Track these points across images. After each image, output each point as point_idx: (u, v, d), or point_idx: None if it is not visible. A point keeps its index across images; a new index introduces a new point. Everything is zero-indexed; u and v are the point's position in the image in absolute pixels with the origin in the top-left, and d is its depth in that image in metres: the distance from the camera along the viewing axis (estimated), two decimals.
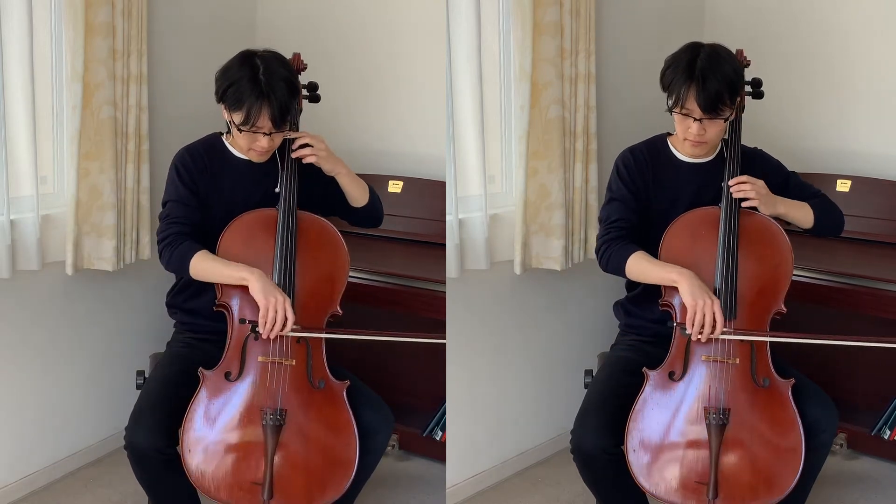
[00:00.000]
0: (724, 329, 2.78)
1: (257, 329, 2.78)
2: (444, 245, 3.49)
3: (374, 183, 3.86)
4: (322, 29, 4.07)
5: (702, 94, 2.81)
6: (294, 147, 2.96)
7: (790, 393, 2.81)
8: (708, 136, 2.89)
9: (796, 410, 2.80)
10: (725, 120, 2.89)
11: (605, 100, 3.81)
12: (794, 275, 3.51)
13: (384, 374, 3.77)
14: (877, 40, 3.96)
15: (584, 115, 3.67)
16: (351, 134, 4.03)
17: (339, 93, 4.01)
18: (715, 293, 2.83)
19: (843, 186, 3.88)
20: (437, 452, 3.61)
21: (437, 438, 3.69)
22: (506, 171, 3.69)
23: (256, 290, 2.77)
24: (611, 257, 2.92)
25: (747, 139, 3.13)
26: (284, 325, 2.77)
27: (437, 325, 3.45)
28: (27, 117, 3.34)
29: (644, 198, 2.99)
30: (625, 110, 3.87)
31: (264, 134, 2.85)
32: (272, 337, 2.79)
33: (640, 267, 2.87)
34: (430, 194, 3.75)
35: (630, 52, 3.93)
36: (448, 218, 3.49)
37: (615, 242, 2.93)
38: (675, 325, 2.83)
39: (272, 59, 2.88)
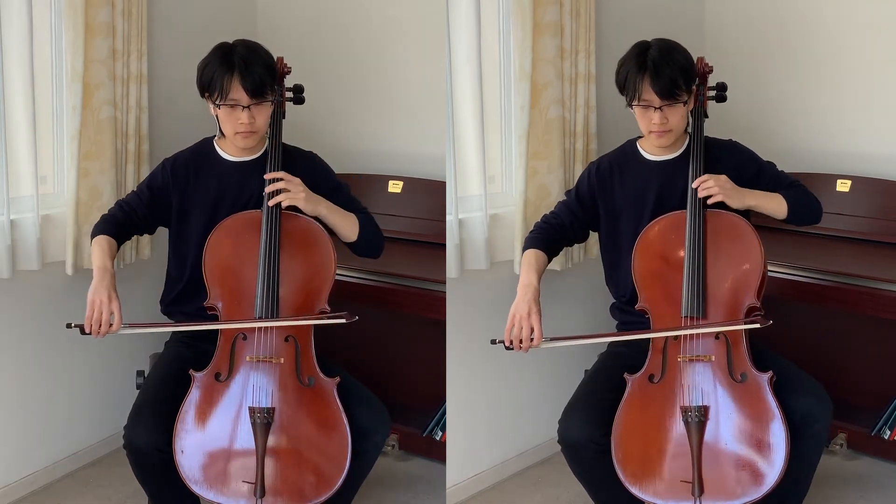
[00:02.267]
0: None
1: (87, 332, 2.78)
2: (444, 245, 3.49)
3: (374, 183, 3.88)
4: (323, 29, 4.07)
5: (657, 82, 2.88)
6: (267, 188, 2.92)
7: (769, 386, 2.81)
8: (671, 123, 2.93)
9: (776, 403, 2.80)
10: (684, 104, 2.93)
11: (605, 100, 3.81)
12: (795, 275, 3.54)
13: (384, 373, 3.77)
14: (876, 41, 3.96)
15: (584, 115, 3.68)
16: (351, 134, 4.03)
17: (340, 93, 4.01)
18: (683, 294, 2.87)
19: (843, 186, 3.88)
20: (437, 452, 3.61)
21: (437, 438, 3.69)
22: (506, 171, 3.69)
23: (90, 290, 2.80)
24: (527, 237, 3.10)
25: (748, 138, 3.13)
26: (111, 325, 2.77)
27: (437, 325, 3.45)
28: (27, 117, 3.34)
29: (605, 208, 3.07)
30: (624, 110, 3.85)
31: (243, 108, 2.88)
32: (100, 336, 2.78)
33: (522, 262, 3.03)
34: (430, 194, 3.75)
35: None
36: (448, 218, 3.48)
37: (539, 232, 3.09)
38: (499, 343, 2.88)
39: (245, 42, 2.95)
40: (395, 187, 3.86)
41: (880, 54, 3.95)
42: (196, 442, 2.80)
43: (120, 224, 2.99)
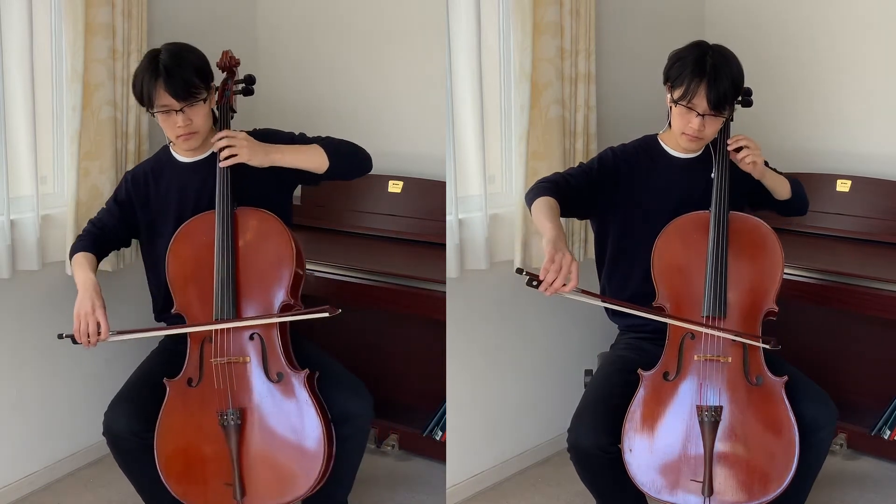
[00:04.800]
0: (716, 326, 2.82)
1: (78, 342, 2.84)
2: (444, 245, 3.49)
3: (374, 183, 3.88)
4: (323, 30, 4.07)
5: (712, 91, 2.85)
6: (218, 151, 2.94)
7: (783, 390, 2.83)
8: (706, 132, 2.93)
9: (790, 408, 2.81)
10: (725, 118, 2.93)
11: (605, 100, 3.81)
12: (795, 275, 3.55)
13: (384, 373, 3.77)
14: (877, 41, 3.96)
15: (584, 115, 3.68)
16: (351, 134, 4.02)
17: (339, 93, 4.01)
18: (705, 294, 2.87)
19: (843, 186, 3.88)
20: (437, 452, 3.61)
21: (437, 438, 3.69)
22: (506, 171, 3.69)
23: (75, 304, 2.85)
24: (533, 189, 2.94)
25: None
26: (100, 333, 2.82)
27: (438, 325, 3.45)
28: (27, 117, 3.34)
29: (625, 195, 3.02)
30: (625, 110, 3.87)
31: (176, 112, 2.88)
32: (93, 346, 2.84)
33: (538, 211, 2.84)
34: (430, 194, 3.75)
35: (630, 52, 3.93)
36: (448, 218, 3.48)
37: (550, 183, 2.95)
38: (525, 275, 2.72)
39: (171, 46, 2.95)
40: (395, 187, 3.86)
41: (881, 54, 3.95)
42: (174, 449, 2.85)
43: (96, 240, 3.05)
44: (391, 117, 3.99)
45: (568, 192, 2.95)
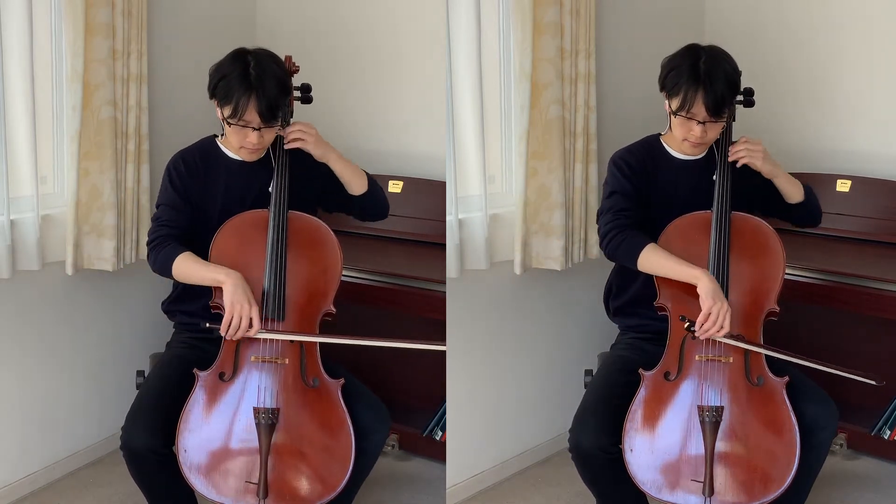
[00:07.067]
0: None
1: (220, 334, 2.79)
2: (444, 245, 3.49)
3: None
4: (322, 29, 4.07)
5: (709, 98, 2.85)
6: (287, 141, 2.97)
7: (784, 391, 2.83)
8: (708, 137, 2.93)
9: (791, 408, 2.82)
10: (725, 120, 2.93)
11: (605, 100, 3.81)
12: (796, 275, 3.55)
13: (384, 373, 3.77)
14: (875, 40, 3.96)
15: (584, 115, 3.68)
16: (351, 134, 4.02)
17: (339, 93, 4.01)
18: None
19: (843, 186, 3.88)
20: (437, 452, 3.61)
21: (437, 438, 3.69)
22: (506, 171, 3.69)
23: (226, 295, 2.79)
24: (621, 244, 2.92)
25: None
26: (250, 328, 2.79)
27: (437, 326, 3.45)
28: (27, 117, 3.34)
29: (643, 194, 3.01)
30: (625, 110, 3.87)
31: (253, 129, 2.86)
32: (235, 339, 2.80)
33: (658, 260, 2.87)
34: (430, 194, 3.75)
35: (630, 52, 3.93)
36: (448, 218, 3.48)
37: (627, 230, 2.93)
38: (685, 322, 2.82)
39: (264, 56, 2.90)
40: (395, 187, 3.86)
41: (881, 54, 3.95)
42: (199, 441, 2.80)
43: (182, 241, 2.92)
44: (391, 117, 4.00)
45: (641, 228, 2.95)
